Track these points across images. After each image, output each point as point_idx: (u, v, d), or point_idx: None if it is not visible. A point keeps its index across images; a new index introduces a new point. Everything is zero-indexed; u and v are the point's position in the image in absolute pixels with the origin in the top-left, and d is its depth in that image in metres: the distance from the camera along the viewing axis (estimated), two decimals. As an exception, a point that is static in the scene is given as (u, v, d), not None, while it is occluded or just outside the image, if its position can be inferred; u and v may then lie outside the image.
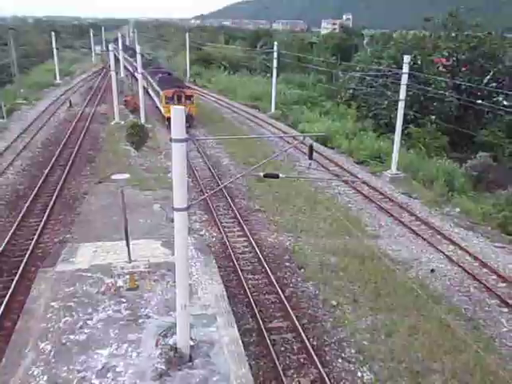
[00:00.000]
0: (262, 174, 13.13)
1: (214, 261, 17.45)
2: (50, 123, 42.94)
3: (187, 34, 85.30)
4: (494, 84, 41.92)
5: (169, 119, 35.72)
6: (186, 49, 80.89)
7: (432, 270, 19.14)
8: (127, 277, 15.35)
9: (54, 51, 70.72)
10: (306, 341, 14.09)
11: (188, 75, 78.06)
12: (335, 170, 32.03)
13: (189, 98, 41.17)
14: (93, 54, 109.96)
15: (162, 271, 16.25)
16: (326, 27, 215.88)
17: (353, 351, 14.04)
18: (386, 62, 41.39)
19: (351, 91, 45.70)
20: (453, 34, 46.10)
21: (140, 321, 13.58)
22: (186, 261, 11.60)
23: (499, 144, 37.05)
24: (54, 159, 30.81)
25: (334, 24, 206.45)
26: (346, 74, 51.11)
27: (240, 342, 12.86)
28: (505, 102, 43.29)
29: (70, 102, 51.57)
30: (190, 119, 39.18)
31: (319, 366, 13.07)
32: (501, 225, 24.25)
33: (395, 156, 30.62)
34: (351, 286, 17.45)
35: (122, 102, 47.71)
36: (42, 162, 31.13)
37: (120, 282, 15.38)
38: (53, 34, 72.89)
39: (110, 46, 44.59)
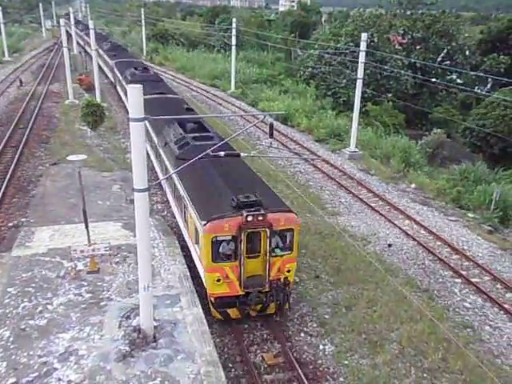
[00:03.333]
0: (222, 153, 13.10)
1: (177, 241, 17.39)
2: (-1, 103, 41.02)
3: (142, 10, 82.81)
4: (448, 62, 43.09)
5: (219, 302, 13.59)
6: (142, 25, 78.64)
7: (389, 245, 19.77)
8: (87, 260, 15.12)
9: (1, 26, 67.09)
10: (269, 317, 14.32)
11: (144, 52, 76.14)
12: (295, 148, 32.26)
13: (282, 236, 13.52)
14: (43, 30, 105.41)
15: (124, 253, 16.10)
16: (283, 4, 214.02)
17: (315, 325, 14.42)
18: (344, 40, 41.65)
19: (310, 69, 45.80)
20: (408, 12, 46.87)
21: (102, 303, 13.46)
22: (148, 242, 11.51)
23: (453, 121, 38.25)
24: (5, 140, 29.52)
25: (292, 1, 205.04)
26: (304, 52, 51.11)
27: (204, 320, 12.97)
28: (458, 80, 44.68)
29: (21, 80, 49.33)
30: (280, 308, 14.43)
31: (282, 341, 13.37)
32: (454, 199, 25.25)
33: (354, 134, 31.08)
34: (313, 263, 17.82)
35: (75, 80, 46.08)
36: (-8, 143, 29.78)
37: (80, 266, 15.14)
38: (-1, 8, 69.12)
39: (62, 21, 42.77)
